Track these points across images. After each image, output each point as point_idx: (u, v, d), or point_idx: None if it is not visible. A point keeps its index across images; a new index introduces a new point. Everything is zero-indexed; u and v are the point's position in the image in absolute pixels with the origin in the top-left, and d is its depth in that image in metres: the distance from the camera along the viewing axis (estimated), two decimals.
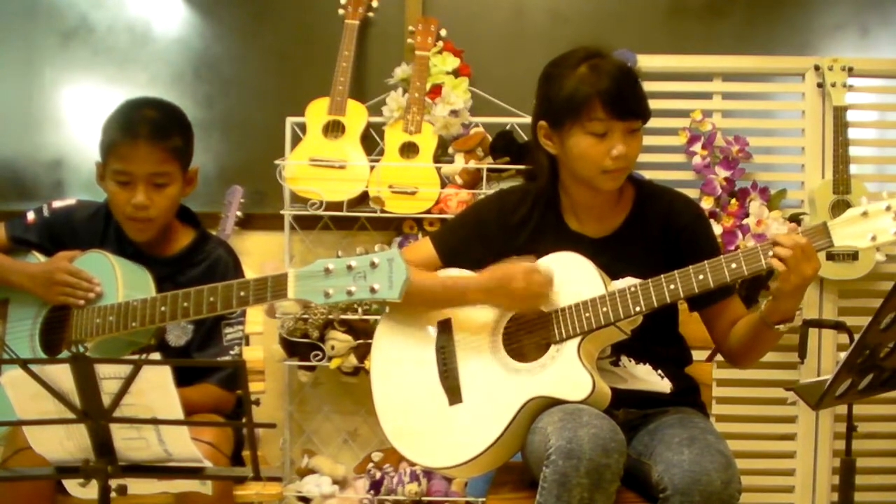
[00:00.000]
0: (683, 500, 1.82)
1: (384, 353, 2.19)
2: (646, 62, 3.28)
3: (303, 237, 3.39)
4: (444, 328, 2.14)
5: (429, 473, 3.22)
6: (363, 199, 3.26)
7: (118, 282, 2.12)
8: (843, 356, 1.90)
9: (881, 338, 1.86)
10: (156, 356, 1.56)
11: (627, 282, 2.02)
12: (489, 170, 3.22)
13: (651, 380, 2.13)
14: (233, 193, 3.34)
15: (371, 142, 3.31)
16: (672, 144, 3.31)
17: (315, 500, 3.24)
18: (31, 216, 2.30)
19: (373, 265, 1.79)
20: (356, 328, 3.19)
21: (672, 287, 1.97)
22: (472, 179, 3.24)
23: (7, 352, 1.83)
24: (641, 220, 2.15)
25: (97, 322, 2.10)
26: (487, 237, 2.18)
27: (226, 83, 3.52)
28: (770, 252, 1.91)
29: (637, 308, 1.99)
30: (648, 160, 3.19)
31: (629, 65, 2.23)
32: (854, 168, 3.23)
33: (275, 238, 3.40)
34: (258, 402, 2.85)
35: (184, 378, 1.78)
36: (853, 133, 3.24)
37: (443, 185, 3.24)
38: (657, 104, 2.84)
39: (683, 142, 3.30)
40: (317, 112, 3.26)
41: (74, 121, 3.53)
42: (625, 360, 2.13)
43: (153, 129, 2.13)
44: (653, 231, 2.14)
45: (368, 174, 3.22)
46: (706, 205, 3.21)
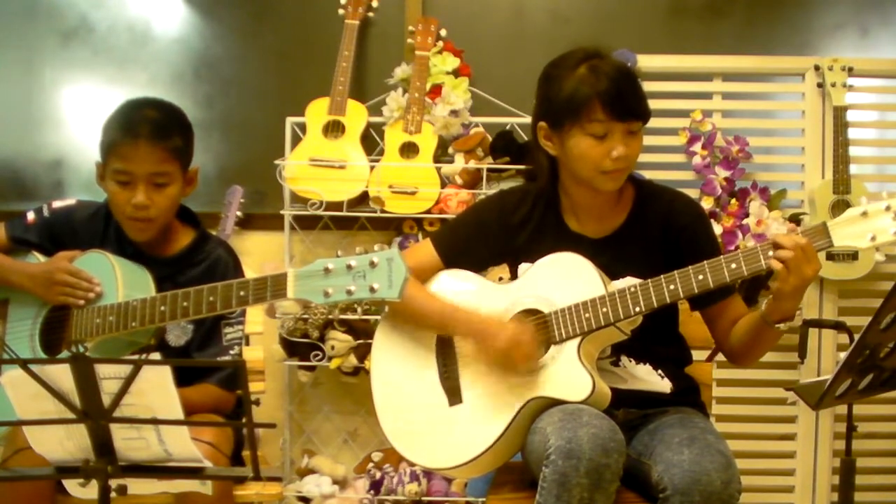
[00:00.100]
0: (683, 500, 1.82)
1: (384, 354, 2.19)
2: (646, 62, 3.28)
3: (303, 237, 3.39)
4: None
5: (429, 473, 3.21)
6: (363, 199, 3.26)
7: (118, 282, 2.12)
8: (843, 356, 1.90)
9: (881, 338, 1.86)
10: (156, 356, 1.56)
11: (627, 282, 2.02)
12: (489, 170, 3.22)
13: (651, 380, 2.12)
14: (233, 193, 3.34)
15: (371, 142, 3.31)
16: (672, 144, 3.31)
17: (315, 500, 3.24)
18: (31, 216, 2.29)
19: (372, 265, 1.79)
20: (356, 328, 3.19)
21: (672, 287, 1.97)
22: (472, 179, 3.24)
23: (7, 352, 1.84)
24: (641, 221, 2.15)
25: (97, 322, 2.10)
26: (488, 237, 2.18)
27: (226, 83, 3.52)
28: (770, 252, 1.91)
29: (637, 308, 1.98)
30: (648, 160, 3.19)
31: (629, 65, 2.22)
32: (854, 168, 3.23)
33: (275, 238, 3.40)
34: (258, 402, 2.85)
35: (184, 378, 1.78)
36: (853, 133, 3.24)
37: (443, 185, 3.24)
38: (657, 104, 2.84)
39: (683, 142, 3.30)
40: (317, 112, 3.26)
41: (74, 121, 3.53)
42: (625, 361, 2.12)
43: (153, 129, 2.13)
44: (653, 231, 2.13)
45: (368, 174, 3.21)
46: (706, 205, 3.20)
